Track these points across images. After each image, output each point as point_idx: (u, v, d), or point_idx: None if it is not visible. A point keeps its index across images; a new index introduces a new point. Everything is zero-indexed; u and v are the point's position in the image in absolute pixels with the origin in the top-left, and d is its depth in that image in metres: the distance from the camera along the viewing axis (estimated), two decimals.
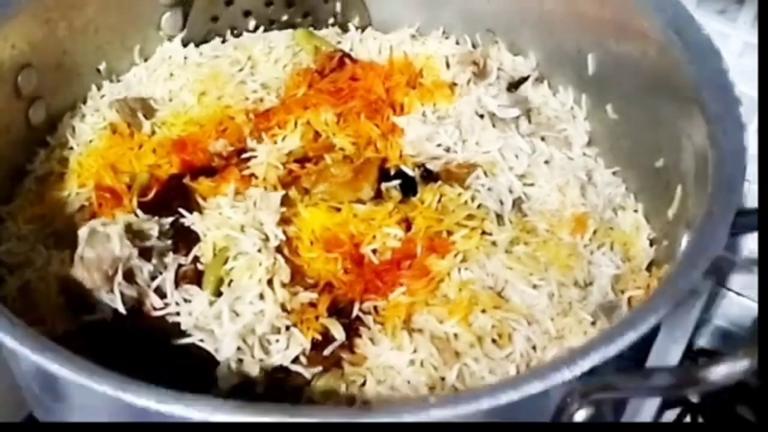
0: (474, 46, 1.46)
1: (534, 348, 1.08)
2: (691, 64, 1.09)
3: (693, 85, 1.08)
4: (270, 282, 1.08)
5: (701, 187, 1.03)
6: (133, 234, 1.08)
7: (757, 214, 0.94)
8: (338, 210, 1.18)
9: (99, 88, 1.36)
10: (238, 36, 1.47)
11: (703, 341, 1.59)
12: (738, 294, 1.54)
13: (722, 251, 0.91)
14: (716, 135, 1.01)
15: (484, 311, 1.08)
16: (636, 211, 1.24)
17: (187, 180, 1.21)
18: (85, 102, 1.34)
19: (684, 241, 1.04)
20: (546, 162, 1.29)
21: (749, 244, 1.48)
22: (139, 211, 1.15)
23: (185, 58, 1.41)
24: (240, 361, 1.02)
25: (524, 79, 1.39)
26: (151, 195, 1.20)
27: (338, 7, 1.51)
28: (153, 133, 1.30)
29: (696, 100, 1.06)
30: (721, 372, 0.76)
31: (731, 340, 1.54)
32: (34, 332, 0.85)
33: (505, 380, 0.99)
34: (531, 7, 1.36)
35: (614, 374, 0.82)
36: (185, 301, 1.08)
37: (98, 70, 1.36)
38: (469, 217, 1.18)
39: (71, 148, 1.28)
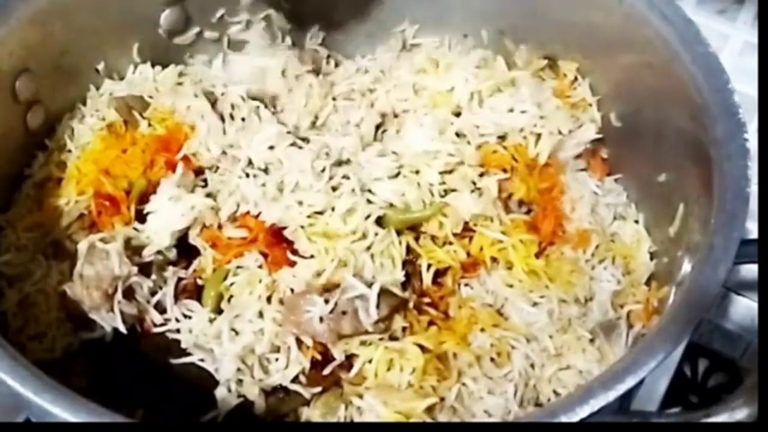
0: None
1: (532, 366, 1.09)
2: (697, 81, 1.08)
3: (698, 104, 1.07)
4: (269, 299, 1.08)
5: (704, 212, 1.02)
6: (133, 250, 1.08)
7: (758, 245, 0.93)
8: None
9: (98, 88, 1.33)
10: None
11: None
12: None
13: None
14: (720, 160, 1.00)
15: (483, 330, 1.08)
16: (637, 221, 1.24)
17: None
18: (84, 103, 1.32)
19: (685, 266, 1.04)
20: None
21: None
22: (137, 223, 1.14)
23: None
24: (239, 381, 1.03)
25: None
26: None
27: None
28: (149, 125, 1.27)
29: (700, 120, 1.05)
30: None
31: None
32: None
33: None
34: (537, 14, 1.33)
35: (610, 414, 0.82)
36: (185, 317, 1.08)
37: (97, 70, 1.33)
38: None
39: (69, 151, 1.26)
